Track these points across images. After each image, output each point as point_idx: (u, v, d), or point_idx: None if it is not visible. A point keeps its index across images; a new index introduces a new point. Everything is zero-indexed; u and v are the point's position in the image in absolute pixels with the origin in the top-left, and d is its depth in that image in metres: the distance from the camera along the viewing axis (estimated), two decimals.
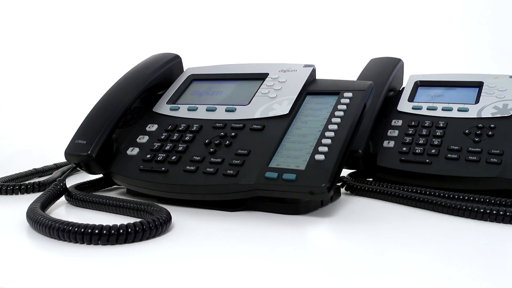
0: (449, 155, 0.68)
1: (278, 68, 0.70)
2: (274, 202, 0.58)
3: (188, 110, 0.69)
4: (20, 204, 0.59)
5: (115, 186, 0.73)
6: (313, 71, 0.68)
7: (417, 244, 0.48)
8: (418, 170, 0.68)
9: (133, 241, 0.48)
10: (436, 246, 0.48)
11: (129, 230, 0.47)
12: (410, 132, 0.73)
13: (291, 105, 0.63)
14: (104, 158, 0.66)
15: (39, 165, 0.84)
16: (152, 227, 0.49)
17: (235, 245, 0.48)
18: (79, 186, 0.67)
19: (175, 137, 0.65)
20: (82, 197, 0.61)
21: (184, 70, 0.78)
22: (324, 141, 0.57)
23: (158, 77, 0.74)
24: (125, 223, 0.48)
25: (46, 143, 1.09)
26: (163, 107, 0.71)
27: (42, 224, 0.50)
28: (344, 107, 0.61)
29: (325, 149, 0.56)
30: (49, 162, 0.87)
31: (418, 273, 0.41)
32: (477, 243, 0.49)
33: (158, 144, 0.65)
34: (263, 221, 0.55)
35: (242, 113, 0.65)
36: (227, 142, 0.62)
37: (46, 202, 0.59)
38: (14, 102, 1.27)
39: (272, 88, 0.67)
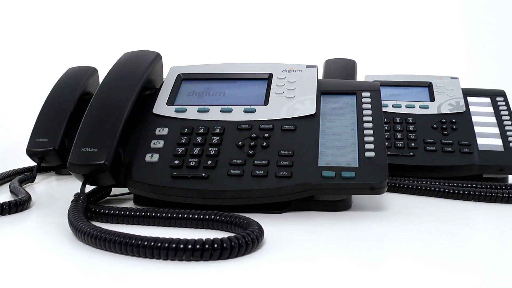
0: (428, 148, 0.77)
1: (279, 68, 0.70)
2: (317, 201, 0.59)
3: (199, 111, 0.65)
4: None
5: (108, 196, 0.65)
6: (317, 72, 0.70)
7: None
8: (403, 162, 0.76)
9: (228, 257, 0.43)
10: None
11: (224, 245, 0.43)
12: (386, 128, 0.80)
13: (314, 104, 0.65)
14: (116, 167, 0.60)
15: None
16: (248, 241, 0.45)
17: (334, 245, 0.49)
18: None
19: (198, 141, 0.61)
20: (141, 213, 0.54)
21: (165, 69, 0.73)
22: (367, 139, 0.60)
23: (148, 76, 0.68)
24: (211, 237, 0.44)
25: None
26: (165, 109, 0.66)
27: (113, 241, 0.44)
28: (369, 105, 0.65)
29: (372, 146, 0.59)
30: None
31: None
32: None
33: (181, 148, 0.61)
34: (325, 220, 0.56)
35: (263, 113, 0.64)
36: (264, 143, 0.60)
37: None
38: None
39: (285, 88, 0.67)
